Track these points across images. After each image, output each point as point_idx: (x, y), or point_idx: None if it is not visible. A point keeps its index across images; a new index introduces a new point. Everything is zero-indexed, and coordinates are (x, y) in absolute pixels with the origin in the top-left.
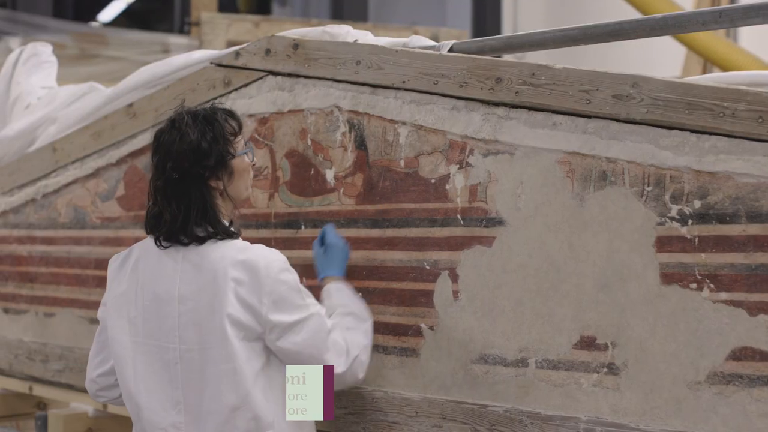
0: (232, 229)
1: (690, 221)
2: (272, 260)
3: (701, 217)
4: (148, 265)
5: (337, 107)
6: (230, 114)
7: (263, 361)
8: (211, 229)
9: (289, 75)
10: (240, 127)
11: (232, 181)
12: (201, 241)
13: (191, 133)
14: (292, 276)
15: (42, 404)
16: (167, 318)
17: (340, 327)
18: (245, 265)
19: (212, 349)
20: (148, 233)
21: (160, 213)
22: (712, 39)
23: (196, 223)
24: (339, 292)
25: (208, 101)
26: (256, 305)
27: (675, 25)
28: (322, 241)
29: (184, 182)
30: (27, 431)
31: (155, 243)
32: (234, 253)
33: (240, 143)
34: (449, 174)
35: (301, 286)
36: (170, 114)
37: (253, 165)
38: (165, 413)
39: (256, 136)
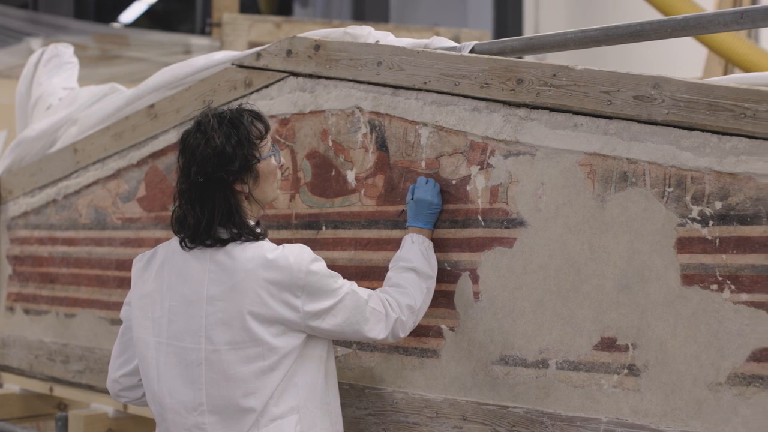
0: (259, 230)
1: (711, 222)
2: (301, 254)
3: (722, 219)
4: (174, 266)
5: (358, 108)
6: (256, 116)
7: (294, 357)
8: (235, 231)
9: (311, 76)
10: (266, 129)
11: (258, 185)
12: (224, 243)
13: (216, 137)
14: (321, 264)
15: (62, 405)
16: (194, 319)
17: (386, 287)
18: (276, 264)
19: (241, 350)
20: (175, 233)
21: (185, 216)
22: (733, 40)
23: (221, 225)
24: (411, 245)
25: (230, 102)
26: (292, 300)
27: (696, 26)
28: (413, 195)
29: (208, 186)
30: None
31: (180, 244)
32: (263, 254)
33: (266, 146)
34: (470, 175)
35: (329, 271)
36: (196, 115)
37: (281, 166)
38: (188, 414)
39: (277, 137)
